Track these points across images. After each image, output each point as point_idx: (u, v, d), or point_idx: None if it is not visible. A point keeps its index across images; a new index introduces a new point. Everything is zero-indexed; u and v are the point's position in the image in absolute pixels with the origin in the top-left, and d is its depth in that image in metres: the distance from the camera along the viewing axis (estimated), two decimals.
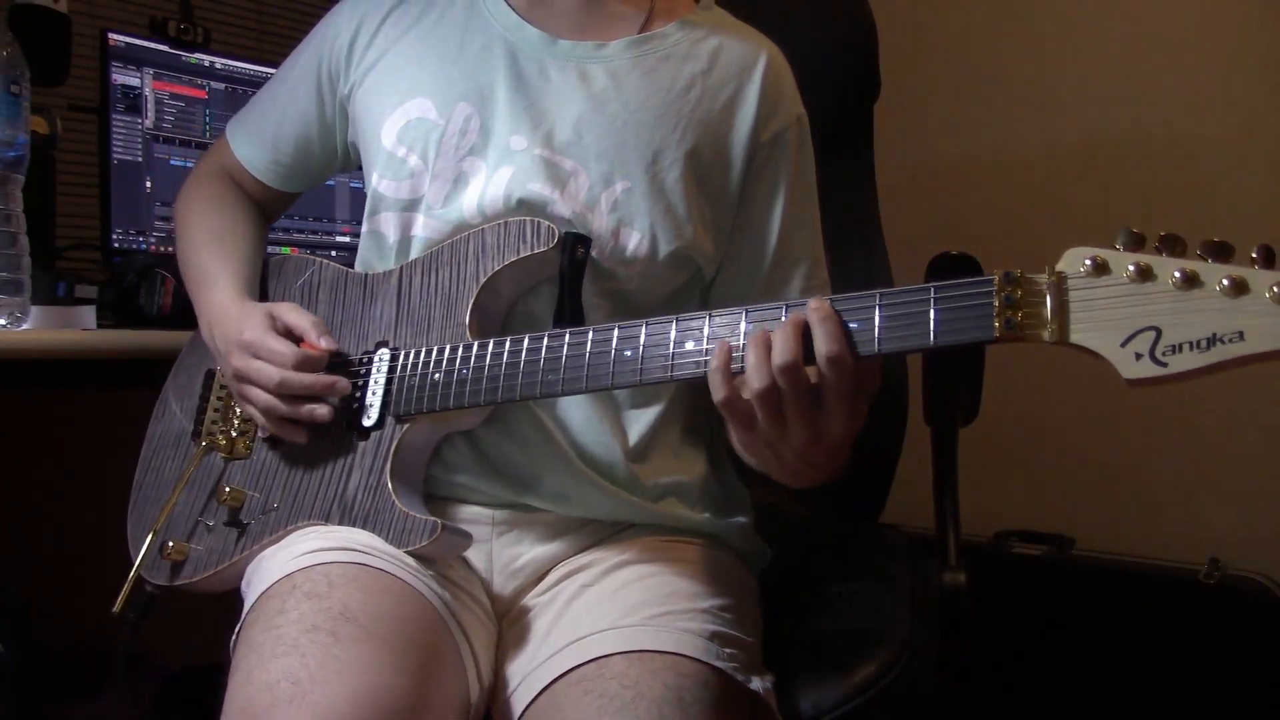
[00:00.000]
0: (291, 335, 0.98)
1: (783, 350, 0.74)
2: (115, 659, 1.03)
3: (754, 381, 0.75)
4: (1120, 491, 1.89)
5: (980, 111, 2.07)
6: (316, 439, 0.97)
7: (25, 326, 1.21)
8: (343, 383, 0.95)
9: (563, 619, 0.91)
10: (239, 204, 1.16)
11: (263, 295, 1.10)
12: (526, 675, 0.87)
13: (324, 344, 0.96)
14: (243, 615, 0.88)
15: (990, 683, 1.68)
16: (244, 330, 0.97)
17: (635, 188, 0.97)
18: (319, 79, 1.09)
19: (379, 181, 1.01)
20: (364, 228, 1.05)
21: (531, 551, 0.97)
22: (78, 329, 1.29)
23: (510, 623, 0.96)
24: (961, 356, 1.22)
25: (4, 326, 1.19)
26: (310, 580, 0.85)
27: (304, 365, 0.95)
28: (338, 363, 1.00)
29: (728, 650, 0.87)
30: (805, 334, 0.74)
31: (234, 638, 0.86)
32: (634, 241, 0.97)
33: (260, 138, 1.14)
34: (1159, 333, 0.65)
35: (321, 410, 0.95)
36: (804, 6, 1.44)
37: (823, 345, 0.73)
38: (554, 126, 0.98)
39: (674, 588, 0.91)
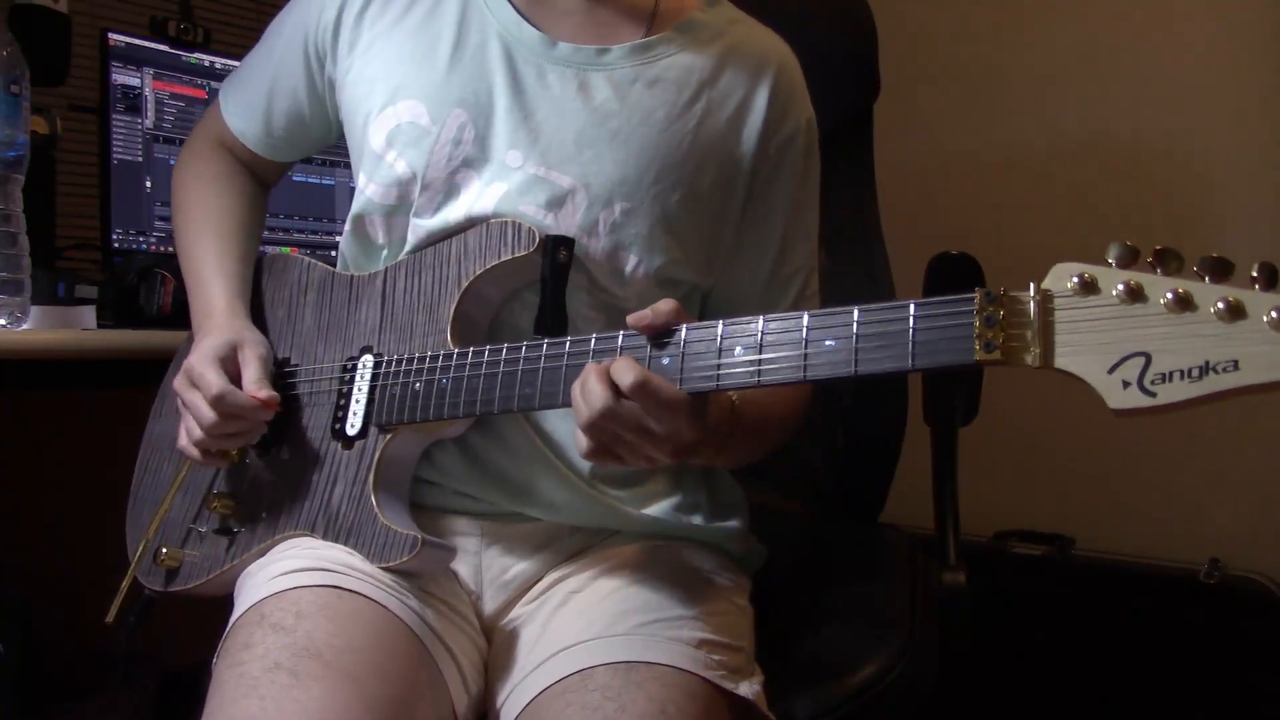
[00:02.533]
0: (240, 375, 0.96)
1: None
2: (116, 661, 1.03)
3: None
4: (1120, 491, 1.89)
5: (980, 111, 2.07)
6: (301, 448, 0.97)
7: (25, 326, 1.21)
8: (233, 455, 0.97)
9: (550, 627, 0.90)
10: (235, 180, 1.13)
11: (254, 294, 1.08)
12: (515, 687, 0.87)
13: (261, 393, 0.94)
14: (223, 636, 0.87)
15: (990, 683, 1.68)
16: (195, 349, 0.96)
17: (635, 210, 0.94)
18: (306, 53, 1.05)
19: (366, 183, 0.99)
20: (348, 225, 1.02)
21: (521, 563, 0.96)
22: (78, 329, 1.29)
23: (500, 632, 0.95)
24: None
25: (4, 326, 1.19)
26: (279, 609, 0.84)
27: (219, 402, 0.92)
28: (322, 368, 0.99)
29: (716, 657, 0.86)
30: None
31: (214, 660, 0.85)
32: (631, 264, 0.94)
33: (252, 109, 1.10)
34: (1148, 359, 0.61)
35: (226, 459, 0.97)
36: (804, 6, 1.44)
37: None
38: (552, 143, 0.94)
39: (663, 594, 0.90)
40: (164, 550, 1.00)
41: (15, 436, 1.70)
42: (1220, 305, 0.59)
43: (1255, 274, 0.59)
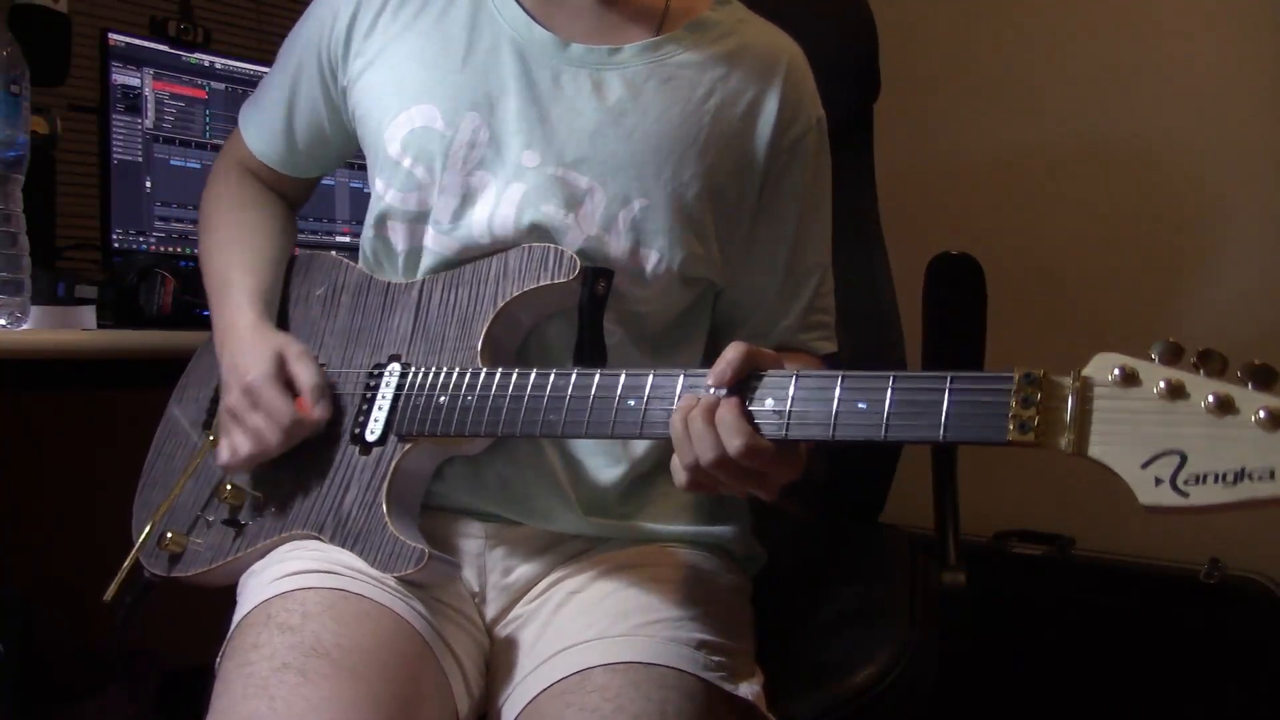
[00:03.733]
0: (293, 385, 0.95)
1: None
2: (115, 658, 1.03)
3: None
4: (1120, 492, 1.88)
5: (980, 111, 2.06)
6: (318, 447, 0.96)
7: (25, 326, 1.21)
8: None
9: (549, 628, 0.90)
10: (259, 201, 1.13)
11: (287, 291, 1.08)
12: (514, 687, 0.87)
13: (318, 412, 0.93)
14: (227, 635, 0.87)
15: (990, 683, 1.68)
16: (250, 371, 0.94)
17: (654, 206, 0.94)
18: (320, 64, 1.05)
19: (385, 189, 0.98)
20: (370, 231, 1.02)
21: (523, 566, 0.96)
22: (78, 329, 1.29)
23: (500, 633, 0.95)
24: (960, 354, 1.22)
25: (4, 326, 1.19)
26: (285, 609, 0.84)
27: (294, 430, 0.92)
28: (349, 372, 0.99)
29: (715, 658, 0.86)
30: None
31: (217, 660, 0.86)
32: (652, 262, 0.94)
33: (271, 127, 1.10)
34: (1183, 459, 0.61)
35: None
36: (804, 6, 1.44)
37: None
38: (568, 142, 0.94)
39: (662, 595, 0.91)
40: (169, 535, 1.00)
41: (15, 436, 1.70)
42: (1262, 414, 0.59)
43: None
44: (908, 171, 1.73)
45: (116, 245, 1.61)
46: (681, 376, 0.80)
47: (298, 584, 0.87)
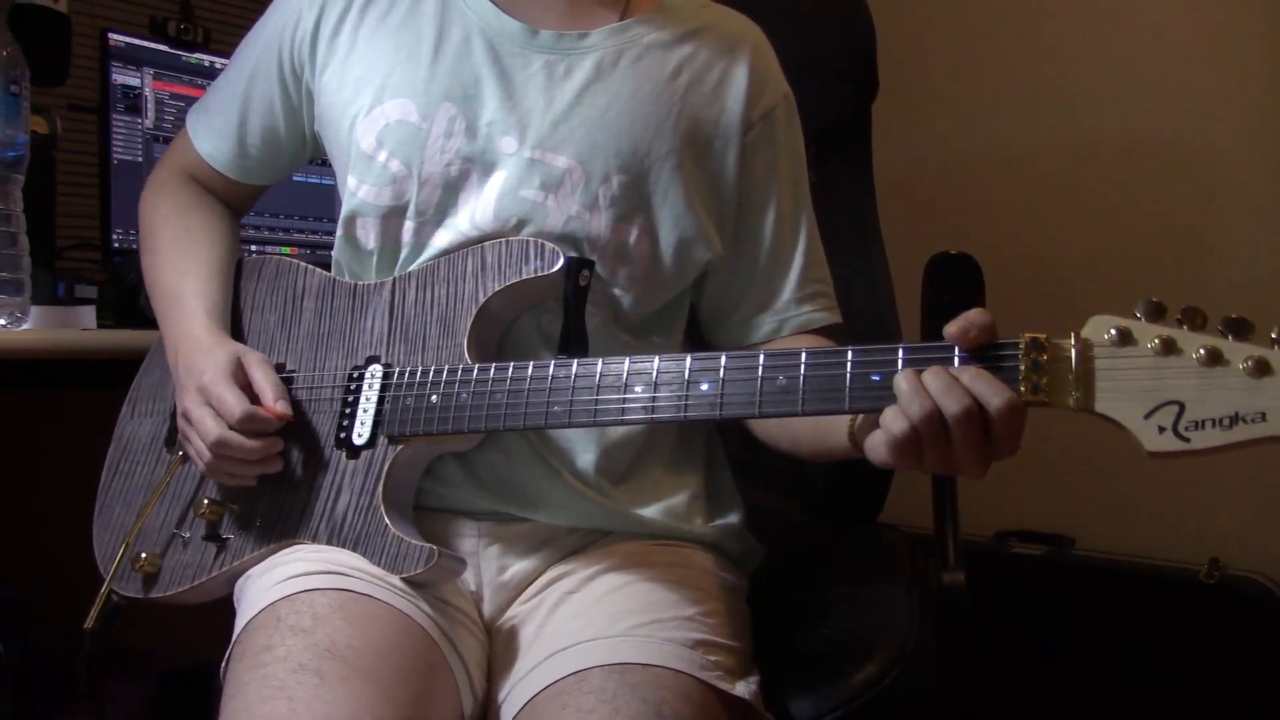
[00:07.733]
0: (251, 388, 0.92)
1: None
2: (113, 659, 1.03)
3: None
4: (1120, 491, 1.89)
5: (980, 111, 2.06)
6: (300, 455, 0.95)
7: (25, 326, 1.22)
8: (277, 464, 0.93)
9: (546, 629, 0.90)
10: (203, 208, 1.10)
11: (238, 296, 1.06)
12: (512, 688, 0.87)
13: (279, 408, 0.91)
14: (231, 641, 0.87)
15: (990, 683, 1.68)
16: (205, 370, 0.92)
17: (632, 181, 0.95)
18: (281, 67, 1.04)
19: (357, 185, 0.97)
20: (340, 230, 1.01)
21: (518, 563, 0.96)
22: (78, 329, 1.29)
23: (498, 633, 0.95)
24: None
25: (4, 326, 1.19)
26: (295, 612, 0.84)
27: (248, 423, 0.89)
28: (323, 376, 0.97)
29: (711, 658, 0.86)
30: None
31: (223, 665, 0.85)
32: (634, 237, 0.95)
33: (223, 131, 1.08)
34: (1182, 408, 0.66)
35: (249, 480, 0.93)
36: (803, 6, 1.44)
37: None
38: (543, 125, 0.95)
39: (658, 595, 0.91)
40: (143, 555, 0.97)
41: (15, 436, 1.70)
42: (1249, 363, 0.65)
43: (1275, 335, 0.65)
44: (907, 171, 1.73)
45: (116, 245, 1.61)
46: (689, 359, 0.80)
47: (303, 585, 0.86)
